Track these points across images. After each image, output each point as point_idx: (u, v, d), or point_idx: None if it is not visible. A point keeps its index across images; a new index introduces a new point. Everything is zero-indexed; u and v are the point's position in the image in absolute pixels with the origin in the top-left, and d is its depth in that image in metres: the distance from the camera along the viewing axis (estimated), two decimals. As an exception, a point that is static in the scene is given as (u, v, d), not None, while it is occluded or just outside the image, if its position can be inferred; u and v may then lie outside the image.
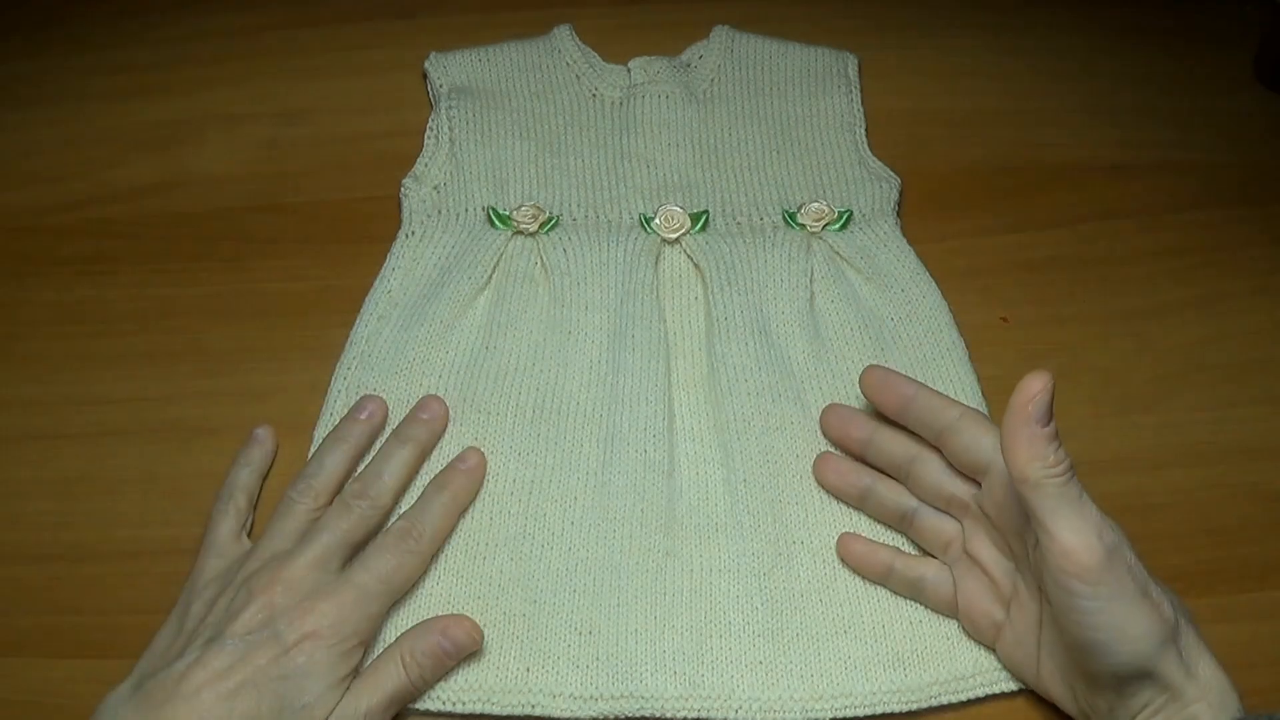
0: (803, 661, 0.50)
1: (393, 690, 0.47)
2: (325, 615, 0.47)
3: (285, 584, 0.47)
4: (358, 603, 0.48)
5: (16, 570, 0.53)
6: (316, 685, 0.46)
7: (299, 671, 0.45)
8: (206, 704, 0.44)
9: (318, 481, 0.51)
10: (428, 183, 0.62)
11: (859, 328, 0.58)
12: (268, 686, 0.45)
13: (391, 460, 0.52)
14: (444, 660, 0.48)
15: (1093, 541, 0.43)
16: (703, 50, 0.66)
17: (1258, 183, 0.65)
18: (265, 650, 0.45)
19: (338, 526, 0.49)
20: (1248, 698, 0.48)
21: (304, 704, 0.45)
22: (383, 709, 0.47)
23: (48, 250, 0.62)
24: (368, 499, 0.51)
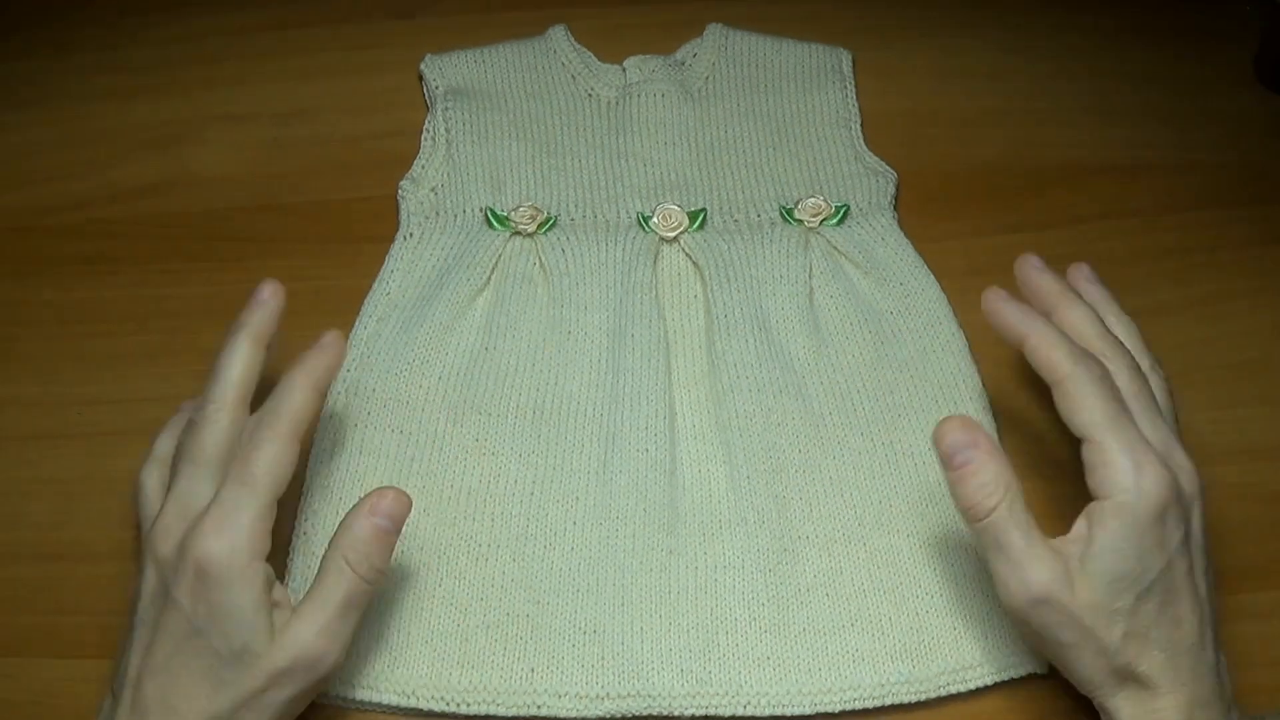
0: (810, 655, 0.50)
1: (344, 596, 0.44)
2: (201, 546, 0.42)
3: (161, 535, 0.44)
4: (227, 519, 0.43)
5: (16, 570, 0.53)
6: (234, 622, 0.42)
7: (208, 619, 0.42)
8: (150, 690, 0.43)
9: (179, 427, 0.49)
10: (425, 184, 0.62)
11: (858, 322, 0.58)
12: (188, 647, 0.42)
13: (226, 356, 0.47)
14: (387, 539, 0.45)
15: (1009, 590, 0.43)
16: (697, 48, 0.66)
17: (1258, 183, 0.65)
18: (169, 614, 0.43)
19: (190, 448, 0.45)
20: (1248, 697, 0.48)
21: (235, 647, 0.42)
22: (339, 619, 0.44)
23: (48, 250, 0.62)
24: (210, 403, 0.46)
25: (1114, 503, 0.43)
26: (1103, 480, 0.43)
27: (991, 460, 0.44)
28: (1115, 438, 0.43)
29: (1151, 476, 0.43)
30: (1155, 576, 0.43)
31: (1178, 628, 0.44)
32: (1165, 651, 0.44)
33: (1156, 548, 0.43)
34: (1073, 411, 0.44)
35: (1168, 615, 0.43)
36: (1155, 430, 0.45)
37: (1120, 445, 0.43)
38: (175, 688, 0.43)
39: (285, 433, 0.45)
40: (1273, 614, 0.53)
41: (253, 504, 0.44)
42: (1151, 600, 0.43)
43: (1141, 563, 0.43)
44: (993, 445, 0.45)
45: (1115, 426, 0.43)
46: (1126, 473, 0.43)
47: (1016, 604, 0.44)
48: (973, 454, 0.44)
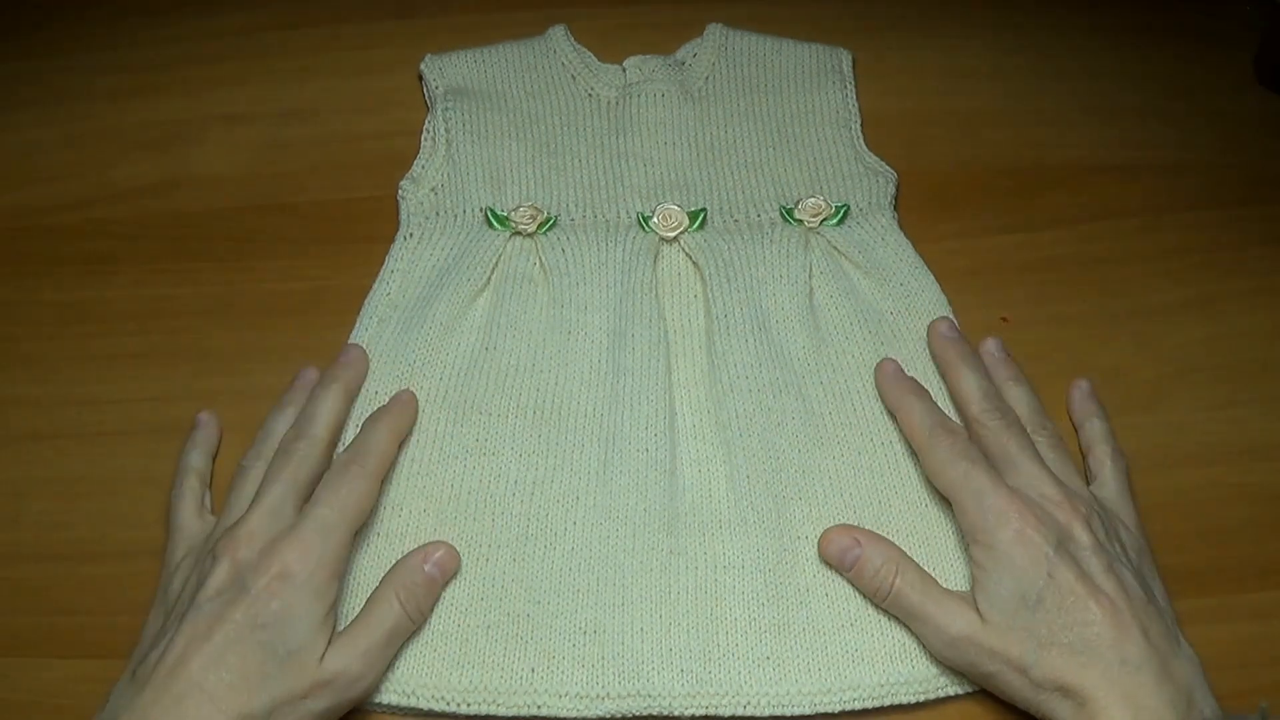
0: (810, 655, 0.50)
1: (391, 627, 0.48)
2: (288, 554, 0.47)
3: (245, 537, 0.47)
4: (318, 536, 0.48)
5: (16, 570, 0.53)
6: (299, 627, 0.46)
7: (277, 617, 0.45)
8: (196, 670, 0.44)
9: (265, 446, 0.53)
10: (425, 184, 0.62)
11: (858, 322, 0.58)
12: (250, 638, 0.45)
13: (320, 401, 0.53)
14: (435, 587, 0.50)
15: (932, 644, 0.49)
16: (697, 48, 0.66)
17: (1258, 183, 0.65)
18: (238, 604, 0.45)
19: (281, 472, 0.50)
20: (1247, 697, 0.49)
21: (292, 649, 0.46)
22: (381, 647, 0.48)
23: (48, 250, 0.62)
24: (304, 439, 0.51)
25: (977, 544, 0.49)
26: (965, 527, 0.50)
27: (874, 548, 0.51)
28: (966, 491, 0.50)
29: (999, 511, 0.48)
30: (1041, 587, 0.47)
31: (1088, 626, 0.46)
32: (1084, 654, 0.46)
33: (1030, 565, 0.47)
34: (933, 475, 0.52)
35: (1073, 618, 0.46)
36: (1023, 471, 0.51)
37: (970, 495, 0.50)
38: (221, 676, 0.44)
39: (373, 473, 0.51)
40: (1273, 614, 0.53)
41: (341, 529, 0.49)
42: (1045, 608, 0.47)
43: (1020, 582, 0.47)
44: (871, 535, 0.52)
45: (963, 481, 0.50)
46: (977, 515, 0.49)
47: (940, 653, 0.49)
48: (856, 551, 0.51)
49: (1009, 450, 0.51)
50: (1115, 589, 0.47)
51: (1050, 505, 0.49)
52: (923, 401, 0.54)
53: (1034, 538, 0.48)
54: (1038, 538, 0.48)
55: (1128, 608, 0.46)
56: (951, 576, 0.52)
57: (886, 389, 0.55)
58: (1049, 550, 0.47)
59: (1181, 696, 0.45)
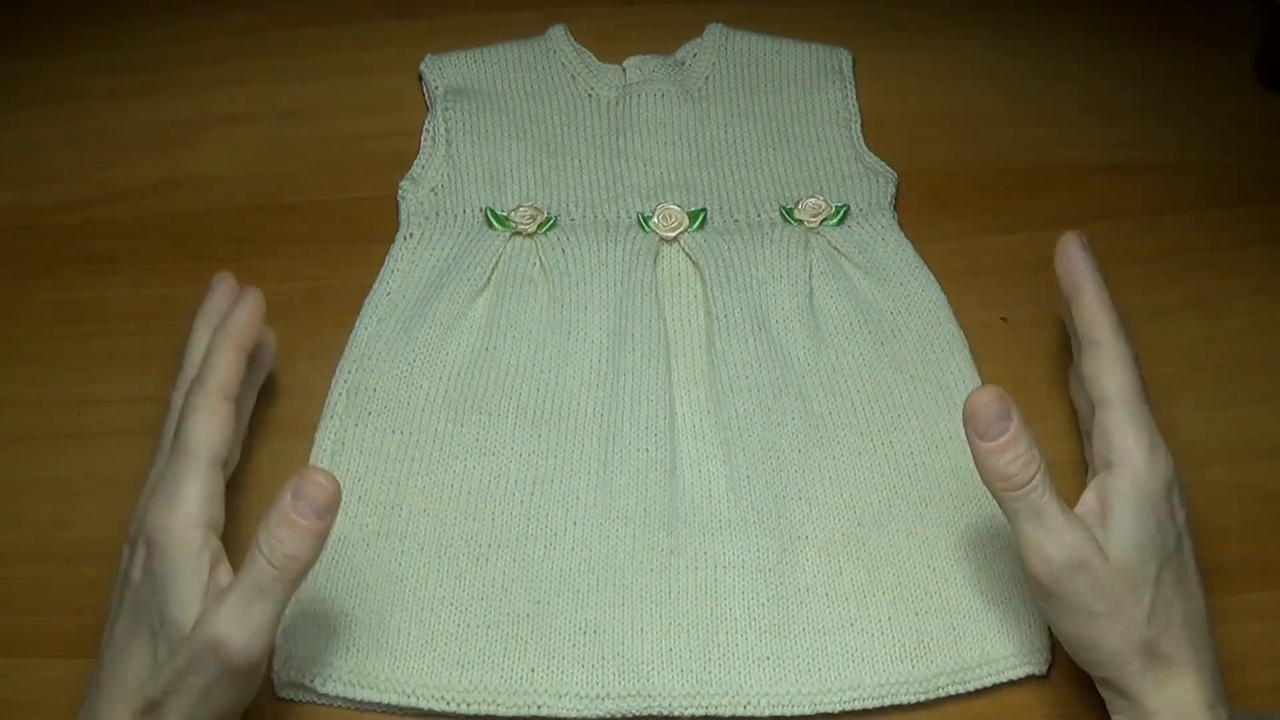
0: (810, 655, 0.50)
1: (251, 579, 0.42)
2: (148, 521, 0.44)
3: (136, 515, 0.46)
4: (170, 487, 0.44)
5: (16, 570, 0.53)
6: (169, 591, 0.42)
7: (150, 588, 0.43)
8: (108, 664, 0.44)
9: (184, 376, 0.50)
10: (425, 185, 0.62)
11: (858, 322, 0.58)
12: (138, 622, 0.43)
13: (193, 346, 0.51)
14: (301, 525, 0.42)
15: (1048, 556, 0.43)
16: (697, 48, 0.66)
17: (1258, 183, 0.65)
18: (126, 590, 0.45)
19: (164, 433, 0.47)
20: (1247, 698, 0.49)
21: (168, 618, 0.42)
22: (247, 603, 0.42)
23: (48, 250, 0.62)
24: (178, 388, 0.48)
25: (1127, 472, 0.44)
26: (1116, 447, 0.45)
27: (1025, 431, 0.44)
28: (1134, 409, 0.45)
29: (1162, 451, 0.45)
30: (1173, 547, 0.45)
31: (1193, 601, 0.45)
32: (1185, 627, 0.44)
33: (1169, 519, 0.45)
34: (1101, 373, 0.46)
35: (1184, 589, 0.45)
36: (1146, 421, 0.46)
37: (1137, 417, 0.45)
38: (126, 663, 0.43)
39: (213, 398, 0.46)
40: (1273, 614, 0.53)
41: (192, 472, 0.44)
42: (1170, 571, 0.44)
43: (1161, 530, 0.44)
44: (1024, 418, 0.45)
45: (1135, 399, 0.46)
46: (1140, 444, 0.45)
47: (1052, 571, 0.44)
48: (1007, 424, 0.44)
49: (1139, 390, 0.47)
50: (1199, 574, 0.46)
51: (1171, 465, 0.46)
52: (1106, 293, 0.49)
53: (1178, 495, 0.46)
54: (1179, 497, 0.46)
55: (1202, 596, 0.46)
56: (953, 580, 0.52)
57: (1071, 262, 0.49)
58: (1183, 515, 0.46)
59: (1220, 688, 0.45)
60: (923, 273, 0.59)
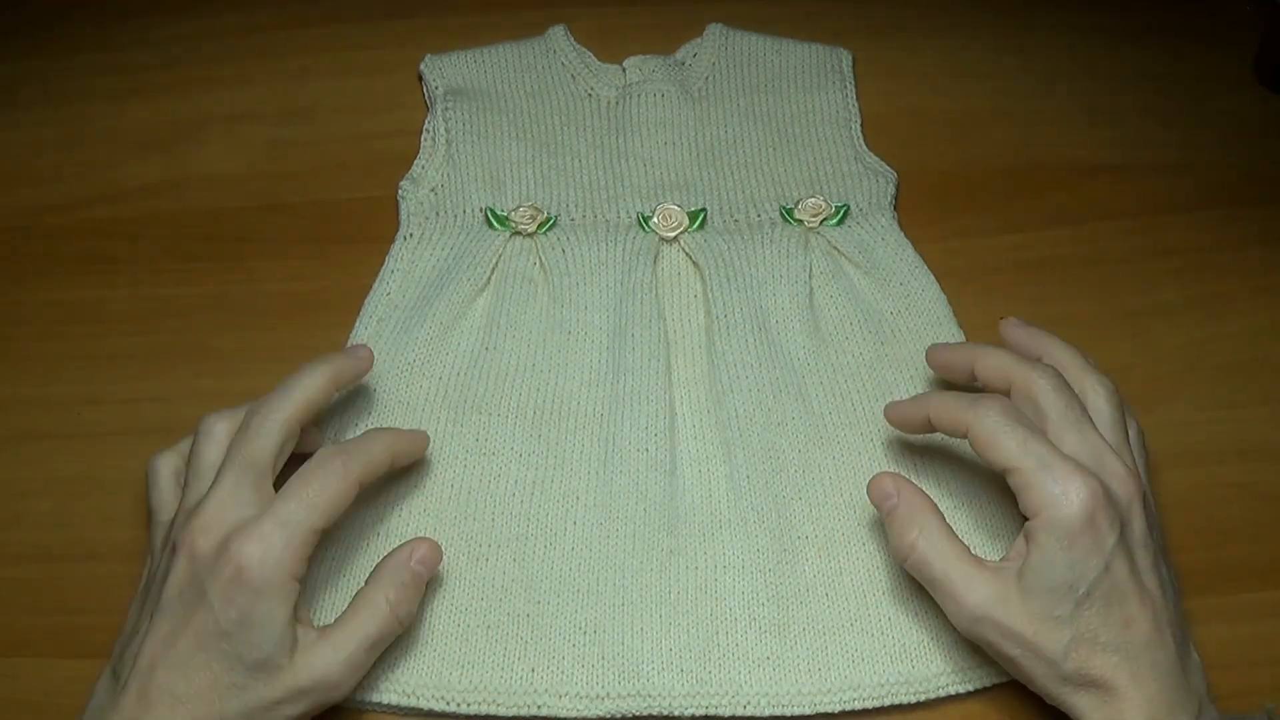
0: (810, 656, 0.50)
1: (376, 631, 0.46)
2: (244, 554, 0.43)
3: (201, 530, 0.44)
4: (279, 533, 0.44)
5: (16, 570, 0.53)
6: (263, 634, 0.43)
7: (238, 625, 0.43)
8: (164, 676, 0.43)
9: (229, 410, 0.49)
10: (425, 184, 0.62)
11: (858, 322, 0.58)
12: (214, 646, 0.43)
13: (298, 377, 0.48)
14: (422, 586, 0.48)
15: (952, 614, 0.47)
16: (697, 48, 0.66)
17: (1258, 183, 0.65)
18: (198, 610, 0.43)
19: (238, 451, 0.46)
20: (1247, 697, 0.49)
21: (260, 658, 0.43)
22: (365, 652, 0.45)
23: (48, 250, 0.62)
24: (262, 412, 0.47)
25: (1043, 518, 0.45)
26: (1029, 502, 0.45)
27: (910, 505, 0.48)
28: (1029, 461, 0.45)
29: (1073, 486, 0.44)
30: (1094, 580, 0.44)
31: (1129, 627, 0.44)
32: (1119, 653, 0.44)
33: (1090, 553, 0.44)
34: (985, 451, 0.47)
35: (1115, 616, 0.44)
36: (1083, 443, 0.46)
37: (1036, 466, 0.45)
38: (189, 683, 0.43)
39: (354, 477, 0.47)
40: (1273, 614, 0.53)
41: (305, 526, 0.45)
42: (1093, 604, 0.44)
43: (1074, 570, 0.44)
44: (912, 491, 0.48)
45: (1026, 452, 0.45)
46: (1047, 488, 0.45)
47: (960, 626, 0.47)
48: (891, 501, 0.48)
49: (1062, 416, 0.47)
50: (1156, 589, 0.45)
51: (1116, 481, 0.45)
52: (942, 395, 0.50)
53: (1101, 522, 0.44)
54: (1104, 523, 0.44)
55: (1163, 610, 0.45)
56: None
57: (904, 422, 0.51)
58: (1112, 540, 0.44)
59: (1194, 702, 0.45)
60: (923, 273, 0.59)
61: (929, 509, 0.48)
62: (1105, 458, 0.46)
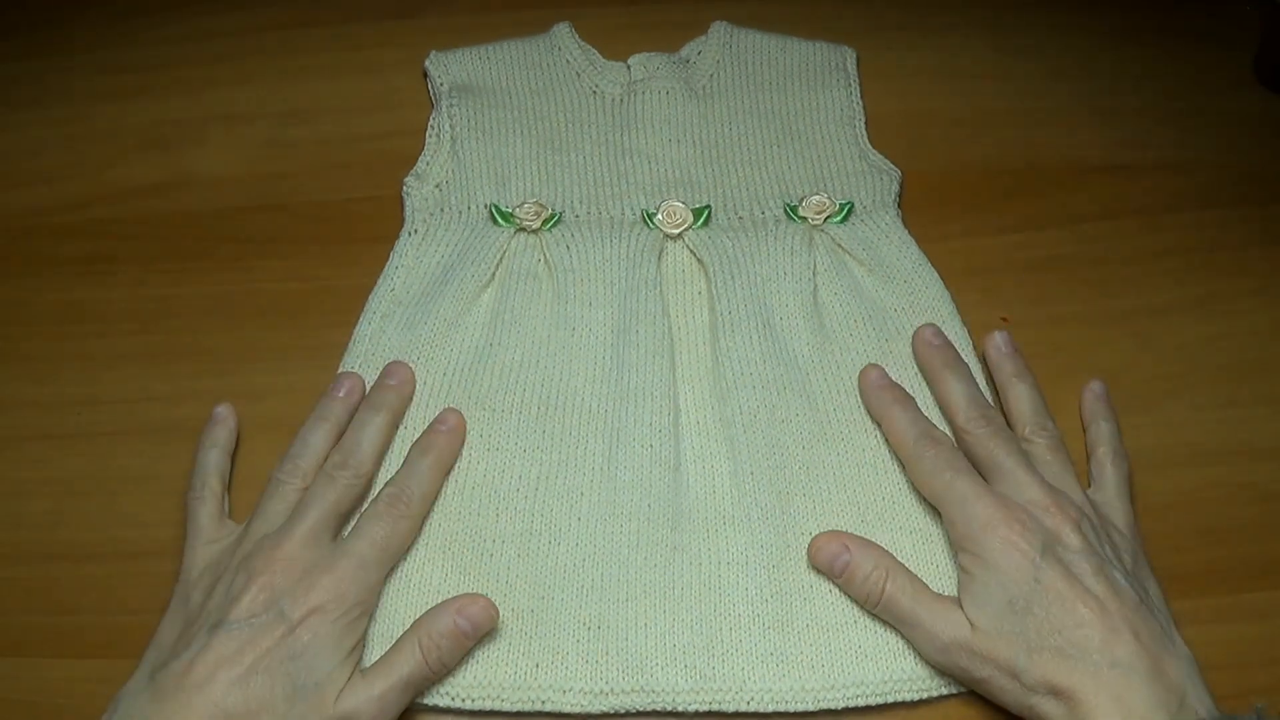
0: (814, 652, 0.50)
1: (409, 674, 0.47)
2: (327, 589, 0.47)
3: (282, 562, 0.47)
4: (356, 572, 0.48)
5: (16, 570, 0.53)
6: (326, 661, 0.46)
7: (307, 649, 0.46)
8: (219, 690, 0.44)
9: (303, 461, 0.52)
10: (430, 181, 0.62)
11: (863, 319, 0.58)
12: (278, 668, 0.45)
13: (367, 428, 0.53)
14: (462, 641, 0.48)
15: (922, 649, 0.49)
16: (701, 46, 0.67)
17: (1258, 183, 0.65)
18: (271, 631, 0.45)
19: (324, 499, 0.50)
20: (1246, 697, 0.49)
21: (315, 682, 0.45)
22: (398, 693, 0.47)
23: (48, 250, 0.62)
24: (349, 468, 0.51)
25: (964, 552, 0.49)
26: (953, 537, 0.50)
27: (864, 554, 0.51)
28: (950, 500, 0.50)
29: (983, 519, 0.49)
30: (1027, 592, 0.47)
31: (1079, 629, 0.46)
32: (1075, 657, 0.46)
33: (1015, 569, 0.47)
34: (919, 485, 0.53)
35: (1062, 621, 0.46)
36: (1013, 478, 0.51)
37: (955, 505, 0.50)
38: (244, 701, 0.44)
39: (417, 514, 0.51)
40: (1272, 614, 0.53)
41: (378, 567, 0.49)
42: (1036, 613, 0.47)
43: (1006, 589, 0.47)
44: (860, 542, 0.51)
45: (948, 491, 0.50)
46: (963, 523, 0.49)
47: (932, 658, 0.49)
48: (845, 557, 0.51)
49: (996, 456, 0.51)
50: (1105, 591, 0.47)
51: (1037, 510, 0.49)
52: (907, 411, 0.54)
53: (1019, 543, 0.48)
54: (1023, 543, 0.48)
55: (1118, 610, 0.46)
56: (953, 577, 0.52)
57: (870, 397, 0.55)
58: (1035, 555, 0.47)
59: (1173, 697, 0.45)
60: (926, 270, 0.59)
61: (884, 553, 0.51)
62: (1028, 492, 0.50)
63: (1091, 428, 0.56)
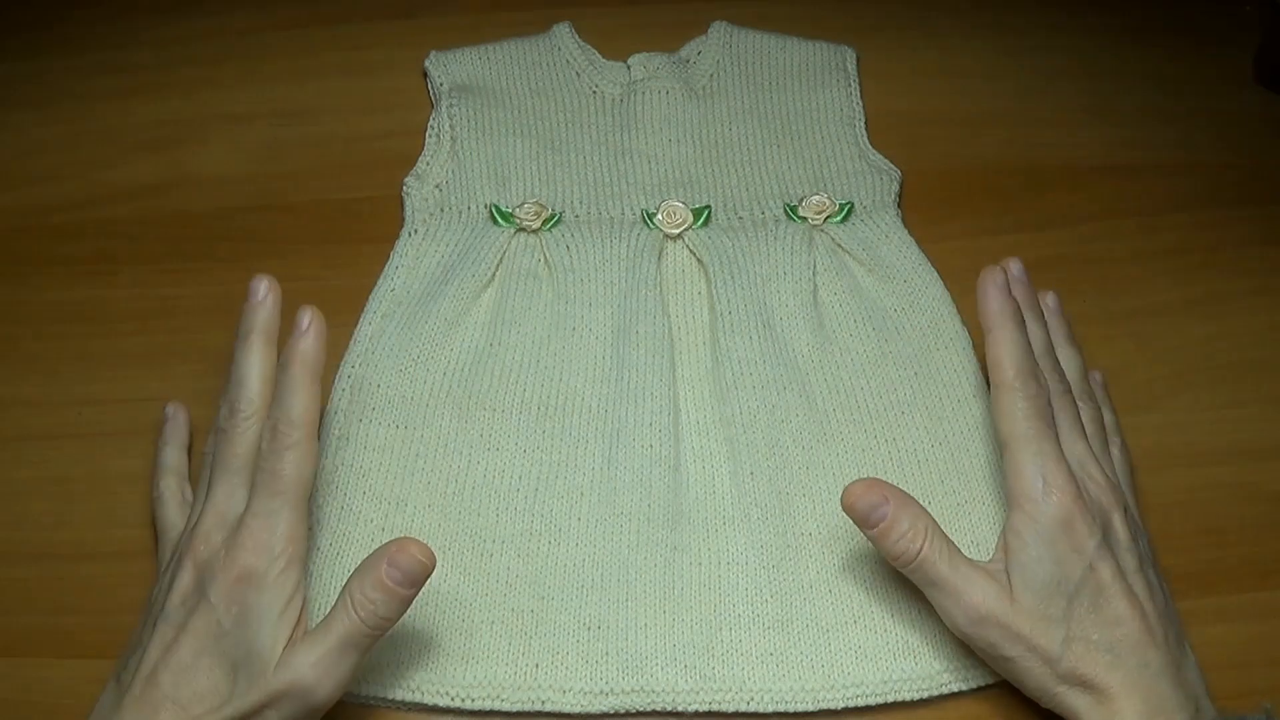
0: (813, 652, 0.50)
1: (343, 633, 0.44)
2: (246, 550, 0.44)
3: (202, 538, 0.46)
4: (264, 527, 0.45)
5: (16, 570, 0.53)
6: (257, 630, 0.44)
7: (236, 623, 0.44)
8: (165, 682, 0.43)
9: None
10: (430, 181, 0.62)
11: (863, 319, 0.58)
12: (213, 648, 0.44)
13: (243, 363, 0.48)
14: (394, 590, 0.44)
15: (952, 618, 0.47)
16: (701, 46, 0.67)
17: (1258, 183, 0.65)
18: (201, 613, 0.44)
19: (223, 456, 0.47)
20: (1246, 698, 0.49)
21: (251, 654, 0.44)
22: (335, 654, 0.44)
23: (48, 250, 0.62)
24: (238, 413, 0.47)
25: (1023, 513, 0.47)
26: (1013, 489, 0.47)
27: (903, 509, 0.47)
28: (1028, 451, 0.47)
29: (1056, 486, 0.46)
30: (1080, 578, 0.45)
31: (1118, 627, 0.45)
32: (1111, 653, 0.45)
33: (1072, 552, 0.46)
34: (1000, 418, 0.48)
35: (1104, 616, 0.45)
36: (1073, 449, 0.48)
37: (1030, 458, 0.47)
38: (191, 687, 0.43)
39: (304, 434, 0.46)
40: (1273, 614, 0.53)
41: (287, 511, 0.45)
42: (1082, 602, 0.45)
43: (1061, 567, 0.46)
44: (901, 494, 0.48)
45: (1030, 440, 0.47)
46: (1032, 480, 0.47)
47: (961, 628, 0.47)
48: (885, 509, 0.47)
49: (1060, 419, 0.49)
50: (1144, 591, 0.46)
51: (1095, 488, 0.48)
52: (1020, 334, 0.49)
53: (1081, 524, 0.46)
54: (1084, 525, 0.46)
55: (1152, 611, 0.46)
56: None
57: (990, 301, 0.49)
58: (1094, 541, 0.46)
59: (1190, 702, 0.45)
60: (926, 270, 0.59)
61: (924, 512, 0.48)
62: (1089, 466, 0.48)
63: None
